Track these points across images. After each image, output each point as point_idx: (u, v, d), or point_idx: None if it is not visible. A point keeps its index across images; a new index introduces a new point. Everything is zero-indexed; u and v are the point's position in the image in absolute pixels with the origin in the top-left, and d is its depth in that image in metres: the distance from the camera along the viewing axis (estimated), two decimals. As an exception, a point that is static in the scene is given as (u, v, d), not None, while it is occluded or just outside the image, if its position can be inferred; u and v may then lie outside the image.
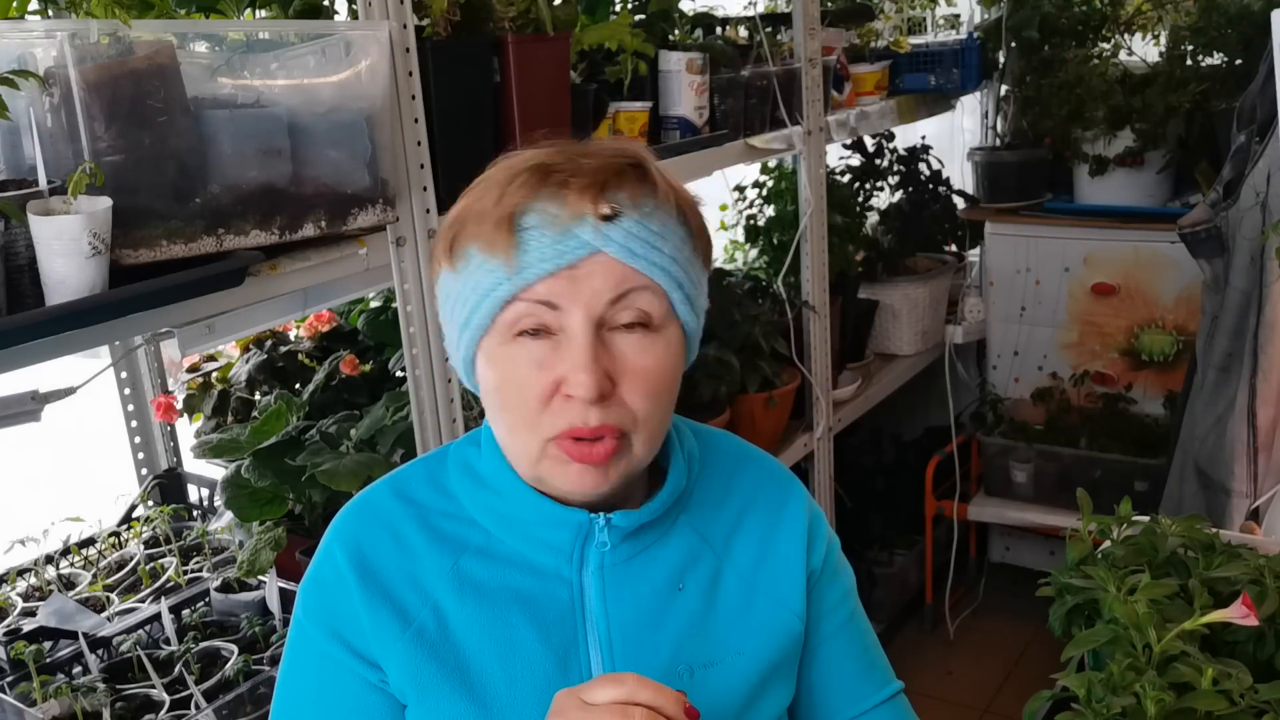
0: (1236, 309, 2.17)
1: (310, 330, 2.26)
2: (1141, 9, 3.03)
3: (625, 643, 0.98)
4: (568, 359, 0.89)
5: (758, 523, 1.06)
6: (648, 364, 0.91)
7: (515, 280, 0.89)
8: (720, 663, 1.00)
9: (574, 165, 0.90)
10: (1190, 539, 1.13)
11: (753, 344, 2.41)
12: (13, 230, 1.11)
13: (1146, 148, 2.92)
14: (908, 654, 3.16)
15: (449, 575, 0.97)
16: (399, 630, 0.95)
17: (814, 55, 2.46)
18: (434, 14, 1.60)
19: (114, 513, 2.08)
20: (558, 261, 0.88)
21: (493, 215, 0.89)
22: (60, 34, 1.16)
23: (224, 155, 1.28)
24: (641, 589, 0.99)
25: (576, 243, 0.88)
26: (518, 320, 0.90)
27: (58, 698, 1.48)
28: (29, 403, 1.41)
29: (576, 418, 0.89)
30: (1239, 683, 0.92)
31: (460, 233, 0.92)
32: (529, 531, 0.98)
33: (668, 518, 1.02)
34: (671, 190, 0.93)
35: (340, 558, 0.98)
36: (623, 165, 0.91)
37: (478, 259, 0.90)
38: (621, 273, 0.89)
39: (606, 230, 0.88)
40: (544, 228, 0.88)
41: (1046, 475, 3.12)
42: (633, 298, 0.90)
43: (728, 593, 1.03)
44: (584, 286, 0.88)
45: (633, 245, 0.89)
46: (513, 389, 0.91)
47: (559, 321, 0.89)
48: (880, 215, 3.26)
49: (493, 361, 0.93)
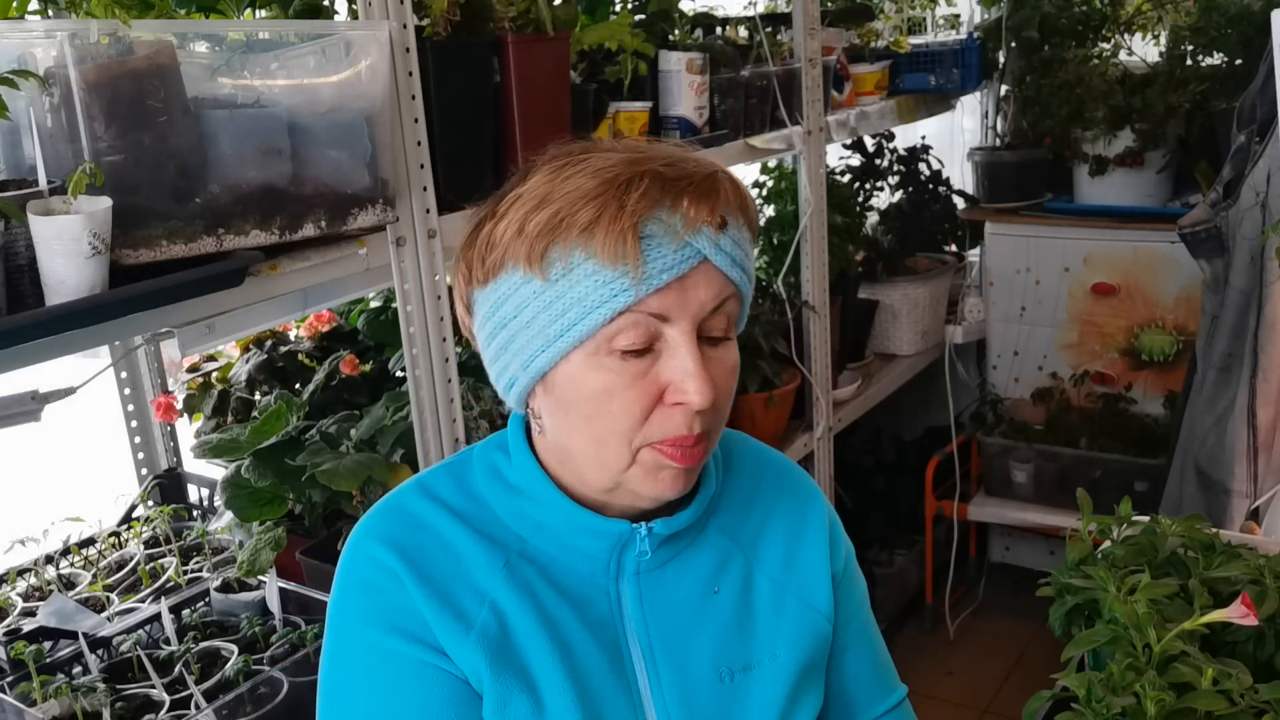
0: (1236, 309, 2.17)
1: (310, 330, 2.26)
2: (1141, 9, 3.03)
3: (666, 649, 0.99)
4: (676, 368, 0.89)
5: (783, 524, 1.07)
6: (730, 372, 0.94)
7: (636, 290, 0.87)
8: (758, 666, 1.01)
9: (685, 174, 0.89)
10: (1190, 539, 1.13)
11: (753, 344, 2.41)
12: (13, 230, 1.11)
13: (1146, 148, 2.92)
14: (908, 654, 3.15)
15: (502, 573, 0.96)
16: (463, 632, 0.94)
17: (814, 55, 2.46)
18: (434, 14, 1.60)
19: (114, 513, 2.08)
20: (674, 272, 0.88)
21: (614, 224, 0.86)
22: (60, 34, 1.16)
23: (224, 155, 1.28)
24: (677, 594, 1.00)
25: (690, 252, 0.88)
26: (623, 332, 0.88)
27: (58, 698, 1.47)
28: (29, 403, 1.40)
29: (682, 425, 0.90)
30: (1239, 683, 0.92)
31: (559, 239, 0.87)
32: (563, 540, 0.98)
33: (699, 522, 1.02)
34: (748, 205, 0.95)
35: (387, 558, 0.96)
36: (721, 175, 0.92)
37: (588, 267, 0.87)
38: (721, 282, 0.91)
39: (719, 240, 0.89)
40: (664, 237, 0.87)
41: (1046, 475, 3.12)
42: (727, 306, 0.92)
43: (760, 595, 1.03)
44: (691, 297, 0.89)
45: (734, 256, 0.91)
46: (609, 399, 0.90)
47: (661, 330, 0.90)
48: (880, 215, 3.26)
49: (591, 372, 0.90)
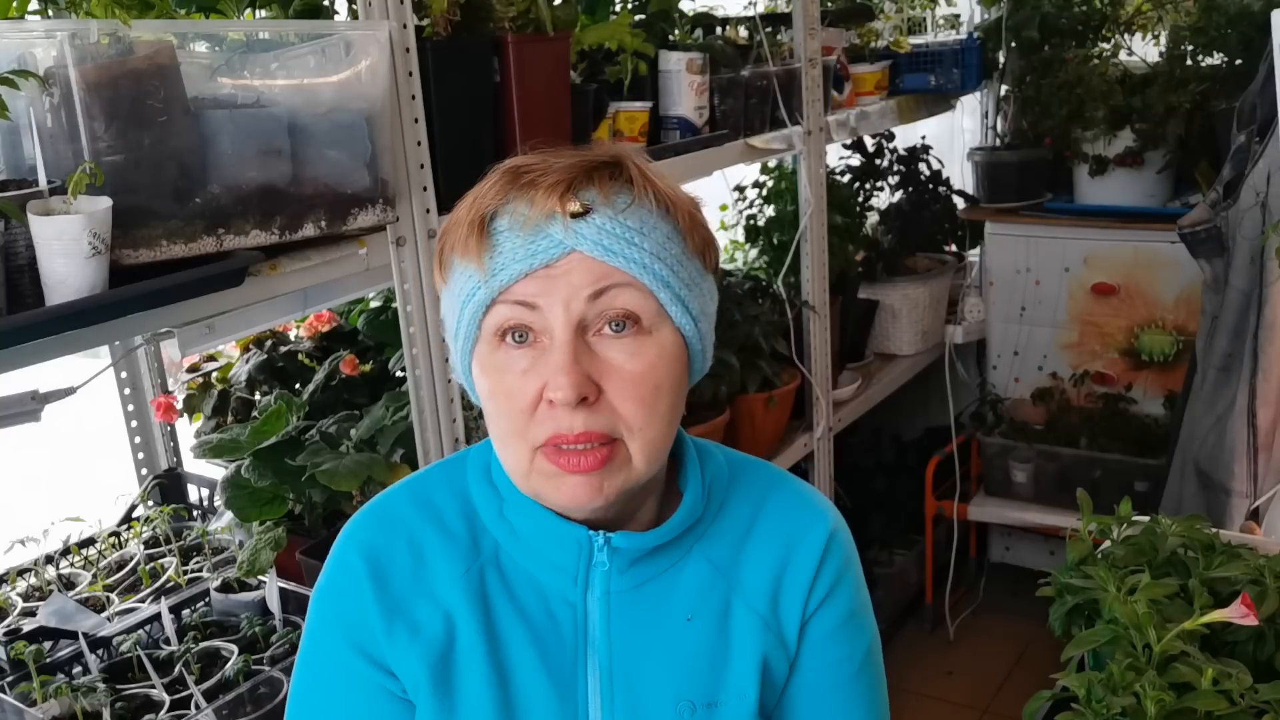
0: (1236, 309, 2.17)
1: (310, 330, 2.26)
2: (1141, 9, 3.03)
3: (626, 676, 0.94)
4: (550, 363, 0.87)
5: (774, 554, 0.99)
6: (637, 367, 0.88)
7: (491, 283, 0.87)
8: (724, 705, 0.95)
9: (545, 165, 0.89)
10: (1190, 539, 1.13)
11: (753, 344, 2.41)
12: (13, 230, 1.11)
13: (1146, 148, 2.92)
14: (908, 654, 3.14)
15: (461, 581, 0.95)
16: (409, 640, 0.94)
17: (814, 55, 2.46)
18: (434, 14, 1.60)
19: (114, 513, 2.08)
20: (530, 262, 0.86)
21: (465, 221, 0.89)
22: (60, 34, 1.16)
23: (224, 155, 1.28)
24: (647, 619, 0.95)
25: (549, 241, 0.86)
26: (501, 324, 0.88)
27: (58, 698, 1.47)
28: (29, 403, 1.41)
29: (562, 424, 0.86)
30: (1239, 683, 0.92)
31: (444, 245, 0.92)
32: (535, 547, 0.96)
33: (680, 546, 0.97)
34: (651, 186, 0.90)
35: (356, 564, 0.96)
36: (595, 163, 0.89)
37: (458, 267, 0.90)
38: (600, 269, 0.87)
39: (577, 227, 0.86)
40: (515, 229, 0.87)
41: (1046, 475, 3.12)
42: (613, 295, 0.87)
43: (740, 630, 0.97)
44: (561, 283, 0.86)
45: (607, 242, 0.86)
46: (501, 397, 0.89)
47: (542, 323, 0.87)
48: (880, 215, 3.26)
49: (484, 370, 0.91)
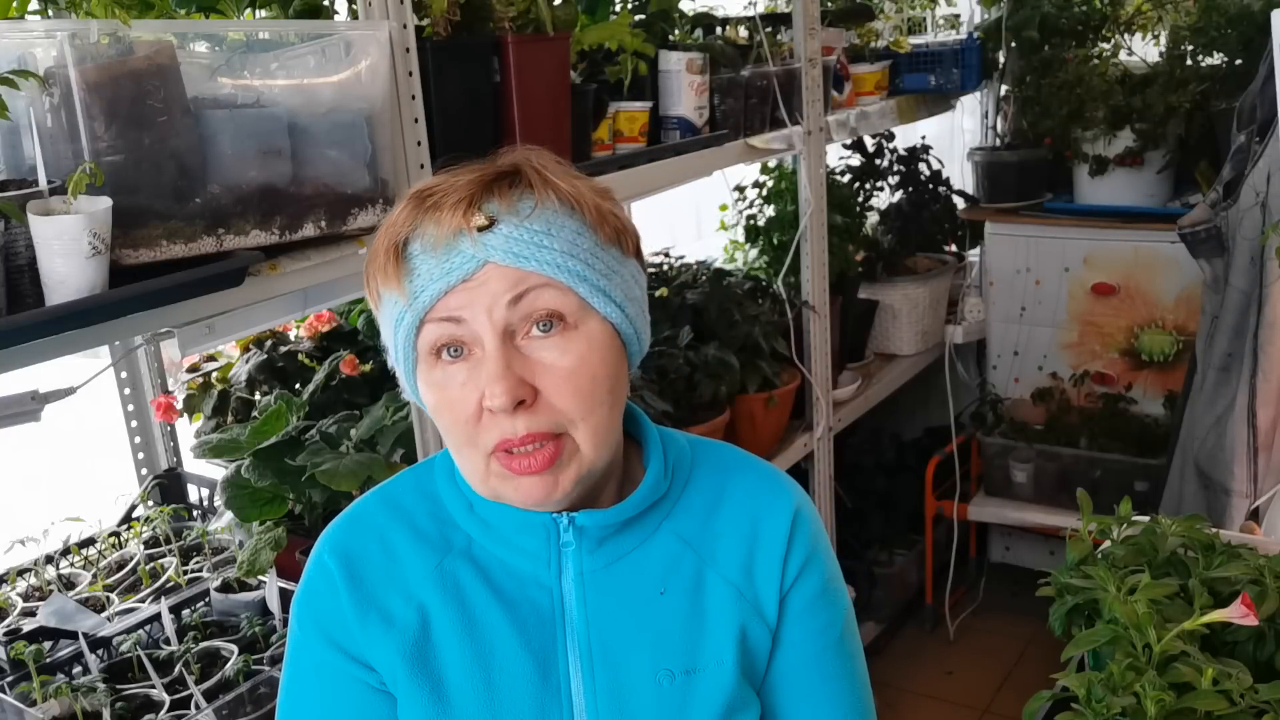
0: (1236, 309, 2.18)
1: (310, 330, 2.26)
2: (1141, 9, 3.03)
3: (605, 649, 0.98)
4: (484, 372, 0.90)
5: (743, 528, 1.03)
6: (569, 363, 0.91)
7: (415, 305, 0.91)
8: (703, 670, 0.98)
9: (448, 185, 0.92)
10: (1190, 539, 1.13)
11: (753, 344, 2.41)
12: (13, 230, 1.11)
13: (1146, 148, 2.92)
14: (908, 654, 3.14)
15: (433, 575, 0.98)
16: (384, 632, 0.97)
17: (814, 55, 2.46)
18: (434, 14, 1.60)
19: (114, 513, 2.08)
20: (448, 280, 0.89)
21: (382, 250, 0.92)
22: (60, 34, 1.16)
23: (224, 155, 1.28)
24: (622, 595, 0.99)
25: (462, 258, 0.89)
26: (433, 342, 0.92)
27: (58, 698, 1.48)
28: (29, 403, 1.41)
29: (505, 429, 0.90)
30: (1239, 683, 0.92)
31: (368, 275, 0.96)
32: (505, 536, 0.99)
33: (648, 523, 1.01)
34: (551, 187, 0.93)
35: (330, 565, 1.00)
36: (494, 175, 0.92)
37: (384, 295, 0.94)
38: (515, 275, 0.90)
39: (485, 240, 0.89)
40: (428, 251, 0.90)
41: (1046, 475, 3.12)
42: (533, 297, 0.90)
43: (714, 598, 1.01)
44: (480, 293, 0.89)
45: (516, 248, 0.89)
46: (446, 411, 0.93)
47: (471, 335, 0.91)
48: (880, 215, 3.27)
49: (427, 387, 0.94)
